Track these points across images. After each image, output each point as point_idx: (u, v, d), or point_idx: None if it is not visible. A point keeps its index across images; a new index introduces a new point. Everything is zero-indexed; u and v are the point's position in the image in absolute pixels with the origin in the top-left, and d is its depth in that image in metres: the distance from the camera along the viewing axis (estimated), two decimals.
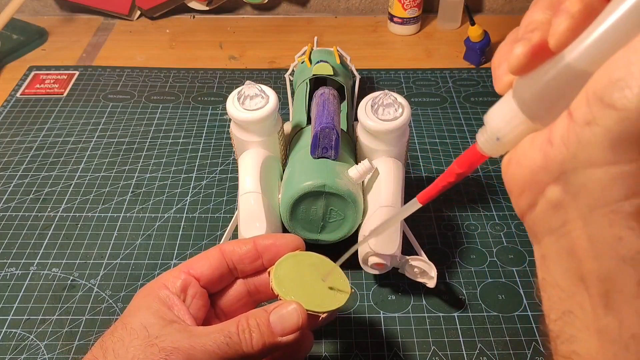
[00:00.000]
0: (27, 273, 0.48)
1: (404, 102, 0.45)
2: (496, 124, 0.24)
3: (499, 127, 0.24)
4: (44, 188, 0.56)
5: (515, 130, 0.23)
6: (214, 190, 0.56)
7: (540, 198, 0.23)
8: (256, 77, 0.74)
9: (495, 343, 0.43)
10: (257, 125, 0.45)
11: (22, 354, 0.42)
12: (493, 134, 0.24)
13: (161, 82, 0.73)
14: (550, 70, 0.21)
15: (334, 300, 0.33)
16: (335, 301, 0.33)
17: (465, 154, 0.26)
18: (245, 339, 0.30)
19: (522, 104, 0.23)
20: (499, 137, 0.24)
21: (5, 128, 0.65)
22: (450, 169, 0.27)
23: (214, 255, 0.34)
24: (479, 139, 0.25)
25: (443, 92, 0.71)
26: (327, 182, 0.42)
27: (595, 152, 0.20)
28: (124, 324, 0.30)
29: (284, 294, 0.32)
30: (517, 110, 0.23)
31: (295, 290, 0.32)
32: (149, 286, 0.33)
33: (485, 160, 0.26)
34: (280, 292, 0.32)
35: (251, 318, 0.31)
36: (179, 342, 0.29)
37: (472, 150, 0.26)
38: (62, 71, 0.75)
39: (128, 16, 0.88)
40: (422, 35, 0.85)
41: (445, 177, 0.28)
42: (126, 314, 0.31)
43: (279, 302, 0.32)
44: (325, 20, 0.90)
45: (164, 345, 0.29)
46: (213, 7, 0.90)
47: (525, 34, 0.22)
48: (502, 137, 0.24)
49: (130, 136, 0.64)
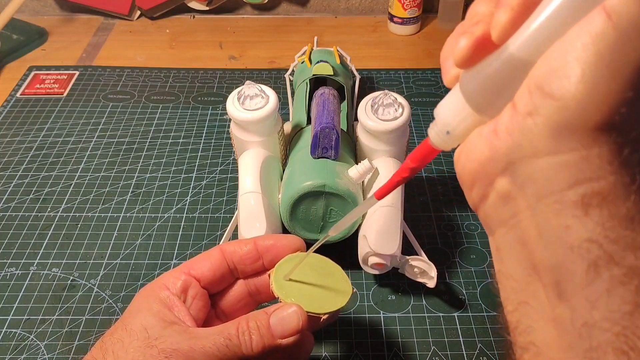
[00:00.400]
0: (27, 273, 0.48)
1: (404, 102, 0.45)
2: (445, 118, 0.24)
3: (448, 121, 0.24)
4: (44, 188, 0.56)
5: (463, 123, 0.23)
6: (214, 190, 0.56)
7: (490, 190, 0.23)
8: (256, 77, 0.74)
9: (495, 343, 0.43)
10: (257, 125, 0.45)
11: (22, 354, 0.42)
12: (443, 128, 0.24)
13: (161, 82, 0.73)
14: (493, 62, 0.21)
15: (335, 301, 0.33)
16: (337, 302, 0.33)
17: (418, 148, 0.26)
18: (245, 341, 0.30)
19: (468, 96, 0.23)
20: (449, 131, 0.24)
21: (5, 128, 0.65)
22: (404, 164, 0.27)
23: (214, 256, 0.34)
24: (430, 133, 0.25)
25: (443, 92, 0.71)
26: (327, 182, 0.42)
27: (537, 142, 0.20)
28: (124, 324, 0.30)
29: (285, 296, 0.32)
30: (464, 103, 0.23)
31: (296, 292, 0.32)
32: (150, 287, 0.33)
33: (437, 154, 0.26)
34: (281, 294, 0.32)
35: (251, 320, 0.31)
36: (179, 343, 0.29)
37: (424, 145, 0.26)
38: (62, 71, 0.75)
39: (128, 16, 0.88)
40: (422, 35, 0.85)
41: (400, 172, 0.28)
42: (126, 315, 0.31)
43: (279, 304, 0.32)
44: (325, 20, 0.90)
45: (164, 346, 0.29)
46: (213, 7, 0.90)
47: (469, 27, 0.23)
48: (452, 131, 0.24)
49: (130, 136, 0.64)
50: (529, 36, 0.20)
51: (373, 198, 0.31)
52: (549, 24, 0.20)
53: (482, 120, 0.23)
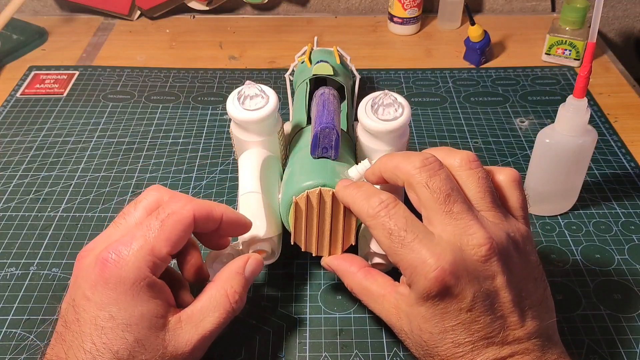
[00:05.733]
0: (27, 273, 0.48)
1: (404, 102, 0.45)
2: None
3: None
4: (44, 188, 0.56)
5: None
6: (214, 190, 0.56)
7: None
8: (256, 77, 0.74)
9: None
10: (257, 125, 0.45)
11: (22, 354, 0.42)
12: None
13: (161, 82, 0.73)
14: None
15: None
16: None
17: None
18: (236, 301, 0.36)
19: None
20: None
21: (5, 128, 0.65)
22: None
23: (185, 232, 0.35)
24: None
25: (443, 92, 0.71)
26: (327, 182, 0.42)
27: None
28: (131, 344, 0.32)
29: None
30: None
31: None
32: (126, 278, 0.32)
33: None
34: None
35: (233, 282, 0.37)
36: (192, 339, 0.34)
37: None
38: (62, 71, 0.75)
39: (128, 16, 0.88)
40: (422, 35, 0.85)
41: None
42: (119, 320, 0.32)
43: (240, 258, 0.38)
44: (325, 20, 0.90)
45: (183, 349, 0.34)
46: (213, 7, 0.90)
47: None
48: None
49: (130, 136, 0.64)
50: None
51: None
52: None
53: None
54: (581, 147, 0.47)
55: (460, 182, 0.34)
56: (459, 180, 0.34)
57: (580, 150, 0.47)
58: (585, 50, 0.45)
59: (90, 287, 0.32)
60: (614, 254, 0.49)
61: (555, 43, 0.75)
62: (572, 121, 0.46)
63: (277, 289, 0.46)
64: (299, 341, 0.42)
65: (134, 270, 0.32)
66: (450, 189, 0.33)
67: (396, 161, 0.35)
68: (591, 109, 0.55)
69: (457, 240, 0.32)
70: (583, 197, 0.54)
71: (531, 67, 0.76)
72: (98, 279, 0.32)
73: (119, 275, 0.32)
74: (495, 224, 0.33)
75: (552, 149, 0.48)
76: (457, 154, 0.35)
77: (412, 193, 0.34)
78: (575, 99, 0.45)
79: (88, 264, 0.33)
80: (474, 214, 0.33)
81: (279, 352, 0.41)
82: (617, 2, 0.92)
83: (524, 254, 0.34)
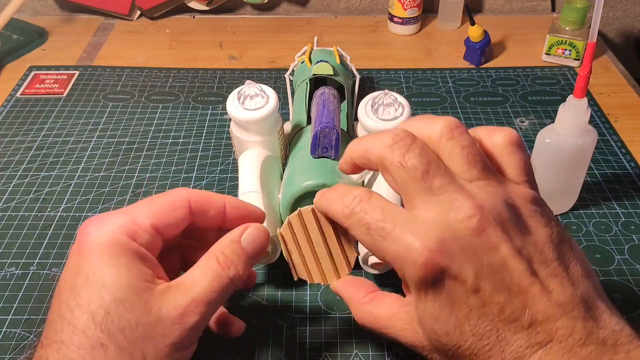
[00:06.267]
0: (27, 273, 0.48)
1: (404, 102, 0.46)
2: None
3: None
4: (44, 188, 0.56)
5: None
6: (214, 190, 0.56)
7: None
8: (256, 77, 0.74)
9: None
10: (257, 124, 0.45)
11: (22, 354, 0.42)
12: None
13: (161, 82, 0.73)
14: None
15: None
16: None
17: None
18: (230, 269, 0.33)
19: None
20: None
21: (5, 128, 0.65)
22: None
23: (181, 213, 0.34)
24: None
25: (443, 92, 0.71)
26: (327, 182, 0.42)
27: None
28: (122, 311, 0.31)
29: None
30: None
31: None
32: (113, 243, 0.32)
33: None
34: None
35: (226, 251, 0.33)
36: (181, 305, 0.32)
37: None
38: (62, 71, 0.75)
39: (128, 16, 0.88)
40: (422, 35, 0.85)
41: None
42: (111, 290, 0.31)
43: (239, 228, 0.34)
44: (325, 20, 0.90)
45: (172, 314, 0.31)
46: (213, 7, 0.90)
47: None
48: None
49: (130, 136, 0.64)
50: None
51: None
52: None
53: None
54: (581, 147, 0.47)
55: (444, 155, 0.30)
56: (442, 153, 0.30)
57: (580, 150, 0.47)
58: (585, 50, 0.45)
59: (71, 257, 0.32)
60: (614, 254, 0.49)
61: (555, 43, 0.75)
62: (572, 121, 0.46)
63: (277, 289, 0.46)
64: (299, 341, 0.42)
65: (109, 233, 0.31)
66: (427, 162, 0.29)
67: (365, 143, 0.31)
68: (591, 109, 0.55)
69: (442, 217, 0.28)
70: (583, 197, 0.54)
71: (531, 67, 0.76)
72: (76, 247, 0.32)
73: (94, 239, 0.31)
74: (487, 192, 0.29)
75: (552, 149, 0.48)
76: (437, 122, 0.31)
77: (387, 176, 0.30)
78: (575, 99, 0.45)
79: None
80: (457, 186, 0.29)
81: (279, 352, 0.41)
82: (617, 2, 0.92)
83: (532, 217, 0.29)
